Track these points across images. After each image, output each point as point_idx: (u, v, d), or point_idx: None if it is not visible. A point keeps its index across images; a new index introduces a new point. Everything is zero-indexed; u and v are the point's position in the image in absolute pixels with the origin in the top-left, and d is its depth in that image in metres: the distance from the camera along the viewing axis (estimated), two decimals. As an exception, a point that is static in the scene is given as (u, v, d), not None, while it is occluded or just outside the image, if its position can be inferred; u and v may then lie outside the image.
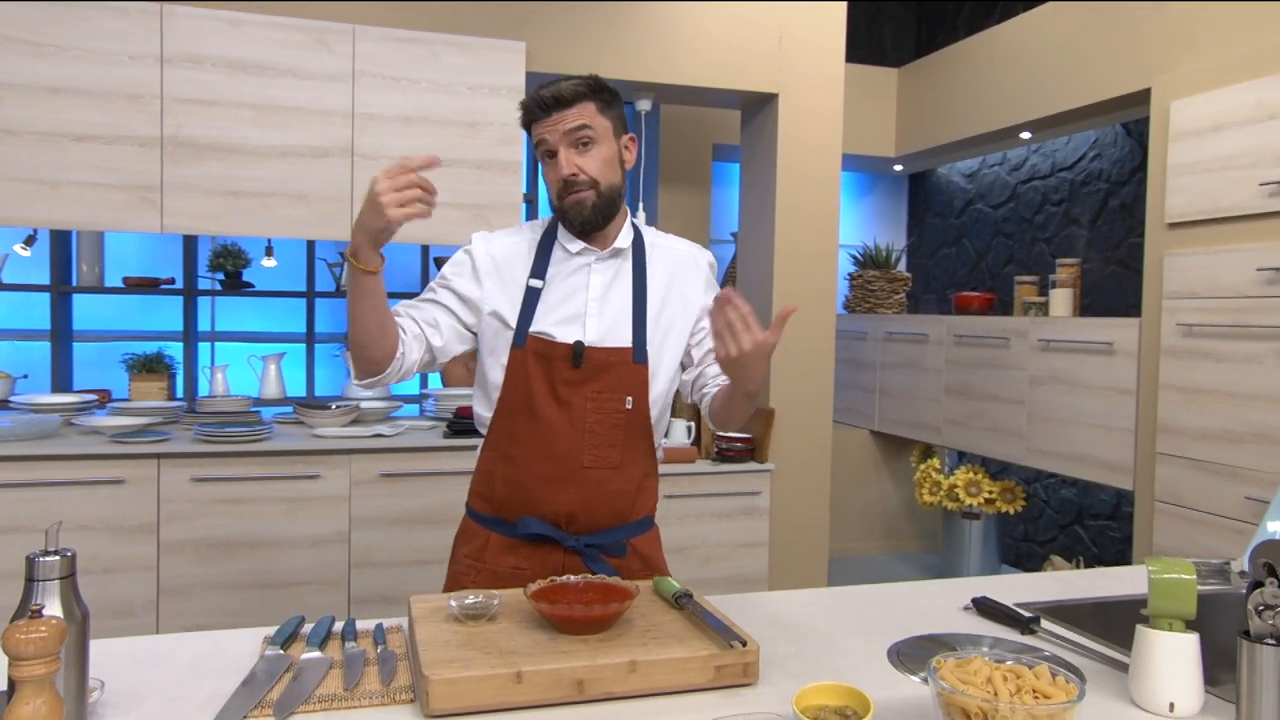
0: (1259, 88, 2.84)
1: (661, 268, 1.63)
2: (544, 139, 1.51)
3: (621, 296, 1.58)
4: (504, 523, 1.58)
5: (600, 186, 1.52)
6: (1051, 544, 4.63)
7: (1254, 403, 2.83)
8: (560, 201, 1.54)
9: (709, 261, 1.68)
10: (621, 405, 1.54)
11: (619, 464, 1.56)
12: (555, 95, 1.49)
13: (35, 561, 0.95)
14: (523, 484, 1.55)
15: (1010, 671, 0.99)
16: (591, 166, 1.51)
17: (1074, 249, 4.42)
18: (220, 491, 2.95)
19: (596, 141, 1.52)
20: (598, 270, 1.58)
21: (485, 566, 1.58)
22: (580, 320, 1.55)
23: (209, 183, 3.04)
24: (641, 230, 1.66)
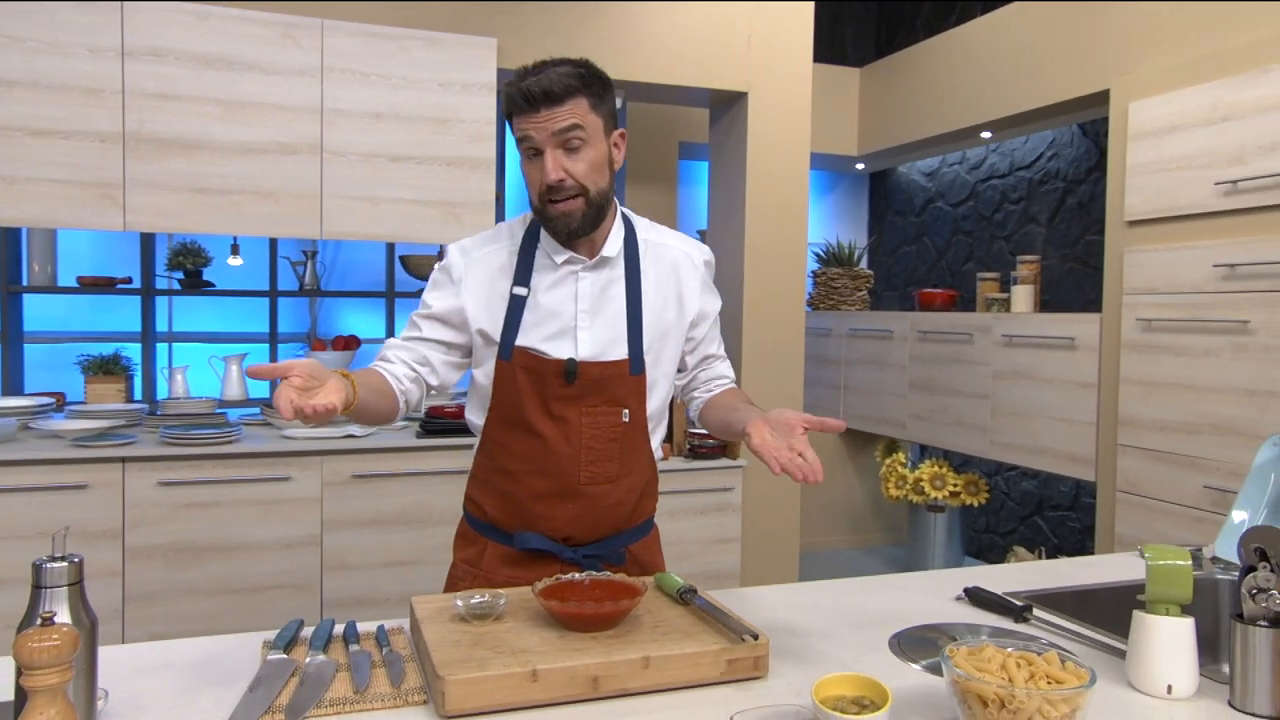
0: (1214, 90, 2.93)
1: (656, 270, 1.54)
2: (529, 135, 1.39)
3: (614, 304, 1.50)
4: (499, 532, 1.54)
5: (589, 193, 1.41)
6: (1012, 535, 4.73)
7: (1211, 395, 2.93)
8: (544, 207, 1.42)
9: (705, 260, 1.61)
10: (618, 419, 1.49)
11: (616, 477, 1.51)
12: (545, 90, 1.36)
13: (43, 568, 0.92)
14: (518, 499, 1.51)
15: (1022, 658, 1.02)
16: (580, 171, 1.39)
17: (1033, 246, 4.52)
18: (188, 495, 2.88)
19: (587, 143, 1.39)
20: (586, 278, 1.49)
21: (481, 574, 1.54)
22: (570, 334, 1.47)
23: (173, 179, 2.97)
24: (635, 226, 1.56)
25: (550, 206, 1.42)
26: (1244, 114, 2.84)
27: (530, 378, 1.47)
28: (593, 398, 1.47)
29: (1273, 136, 2.75)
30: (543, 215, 1.45)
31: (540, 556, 1.53)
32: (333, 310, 4.34)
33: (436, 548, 3.14)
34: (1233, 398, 2.86)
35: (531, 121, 1.38)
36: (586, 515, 1.51)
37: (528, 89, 1.37)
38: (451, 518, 3.14)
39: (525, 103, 1.38)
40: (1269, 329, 2.75)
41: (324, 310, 4.37)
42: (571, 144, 1.39)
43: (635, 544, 1.60)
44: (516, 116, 1.41)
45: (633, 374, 1.50)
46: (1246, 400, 2.82)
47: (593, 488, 1.50)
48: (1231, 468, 2.86)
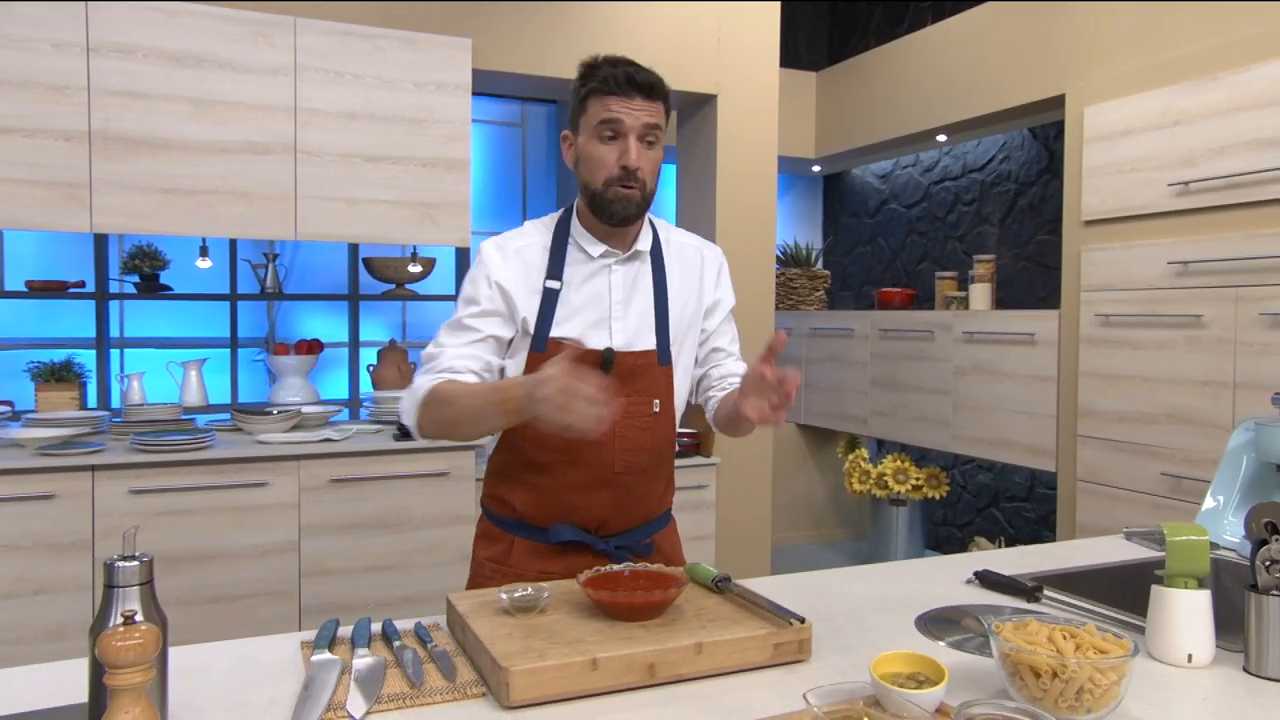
0: (1166, 96, 3.07)
1: (678, 266, 1.62)
2: (619, 118, 1.43)
3: (644, 298, 1.56)
4: (529, 527, 1.56)
5: (647, 189, 1.49)
6: (970, 526, 4.87)
7: (1167, 386, 3.07)
8: (606, 189, 1.46)
9: (720, 258, 1.69)
10: (649, 409, 1.54)
11: (648, 467, 1.56)
12: (649, 83, 1.44)
13: (115, 567, 0.91)
14: (553, 490, 1.53)
15: (1065, 631, 1.07)
16: (648, 167, 1.47)
17: (986, 246, 4.66)
18: (161, 503, 2.81)
19: (658, 143, 1.49)
20: (619, 271, 1.55)
21: (510, 570, 1.55)
22: (605, 325, 1.52)
23: (142, 180, 2.89)
24: (656, 226, 1.63)
25: (615, 188, 1.46)
26: (1194, 119, 2.98)
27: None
28: (626, 388, 1.50)
29: (1221, 141, 2.90)
30: (602, 198, 1.48)
31: (570, 549, 1.55)
32: (292, 314, 4.27)
33: (416, 551, 3.12)
34: (1187, 388, 3.00)
35: (627, 106, 1.44)
36: (620, 504, 1.55)
37: (633, 75, 1.44)
38: (431, 520, 3.13)
39: (628, 86, 1.43)
40: (1221, 323, 2.90)
41: (284, 314, 4.29)
42: (649, 139, 1.47)
43: (659, 534, 1.64)
44: (606, 97, 1.44)
45: (661, 365, 1.55)
46: (1200, 390, 2.96)
47: (626, 477, 1.53)
48: (1187, 455, 3.00)
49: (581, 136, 1.50)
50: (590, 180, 1.49)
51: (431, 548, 3.13)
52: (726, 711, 1.07)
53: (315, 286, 4.16)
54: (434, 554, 3.14)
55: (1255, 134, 2.80)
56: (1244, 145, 2.83)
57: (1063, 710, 0.99)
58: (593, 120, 1.46)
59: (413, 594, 3.12)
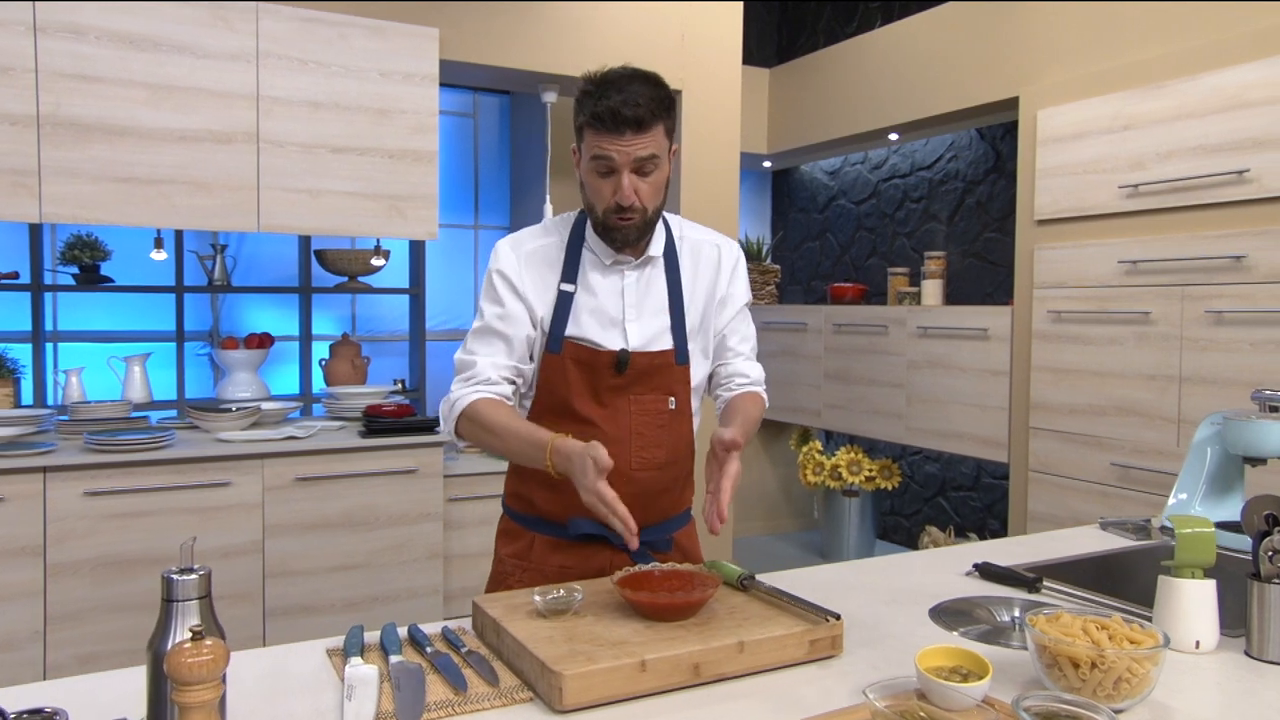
0: (1117, 101, 3.20)
1: (693, 264, 1.62)
2: (609, 157, 1.42)
3: (658, 297, 1.57)
4: (548, 523, 1.57)
5: (649, 214, 1.49)
6: (917, 516, 5.01)
7: (1116, 380, 3.20)
8: (605, 218, 1.48)
9: (735, 252, 1.68)
10: (665, 406, 1.55)
11: (665, 464, 1.57)
12: (636, 118, 1.39)
13: (173, 581, 0.88)
14: (569, 489, 1.49)
15: (1096, 622, 1.12)
16: (647, 194, 1.46)
17: (934, 243, 4.79)
18: (117, 505, 2.71)
19: (658, 168, 1.47)
20: (631, 276, 1.56)
21: (531, 566, 1.56)
22: (619, 326, 1.53)
23: (95, 168, 2.77)
24: (670, 223, 1.63)
25: (611, 219, 1.48)
26: (1144, 124, 3.11)
27: (581, 369, 1.52)
28: (640, 386, 1.53)
29: (1169, 146, 3.04)
30: (603, 226, 1.51)
31: (589, 545, 1.56)
32: (239, 307, 4.14)
33: (382, 550, 3.07)
34: (1136, 382, 3.14)
35: (615, 144, 1.42)
36: (637, 501, 1.53)
37: (619, 111, 1.39)
38: (399, 519, 3.08)
39: (614, 123, 1.40)
40: (1168, 320, 3.04)
41: (231, 307, 4.16)
42: (645, 170, 1.45)
43: (679, 531, 1.66)
44: (596, 133, 1.43)
45: (678, 364, 1.57)
46: (1148, 384, 3.10)
47: (643, 474, 1.54)
48: (1135, 446, 3.14)
49: (582, 159, 1.50)
50: (591, 205, 1.52)
51: (400, 546, 3.09)
52: (776, 708, 1.09)
53: (263, 279, 4.04)
54: (402, 552, 3.09)
55: (1201, 140, 2.94)
56: (1190, 151, 2.97)
57: (1100, 699, 1.04)
58: (588, 153, 1.46)
59: (380, 593, 3.06)
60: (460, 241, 4.72)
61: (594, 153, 1.44)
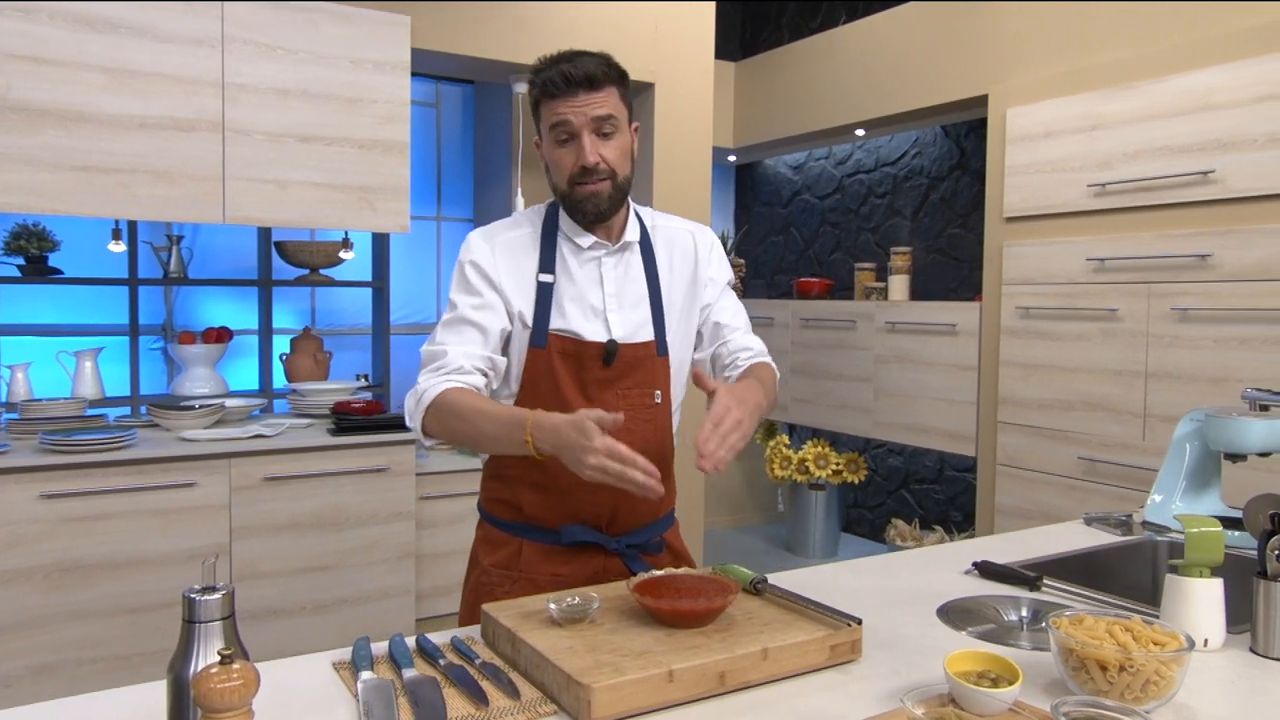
0: (1086, 101, 3.25)
1: (667, 252, 1.60)
2: (566, 120, 1.42)
3: (636, 288, 1.54)
4: (537, 529, 1.52)
5: (618, 178, 1.47)
6: (881, 508, 5.07)
7: (1084, 375, 3.27)
8: (572, 189, 1.46)
9: (710, 237, 1.66)
10: (651, 400, 1.53)
11: (652, 460, 1.53)
12: (587, 75, 1.41)
13: (195, 601, 0.83)
14: (559, 489, 1.49)
15: (1119, 624, 1.12)
16: (612, 156, 1.45)
17: (898, 239, 4.84)
18: (75, 508, 2.60)
19: (618, 130, 1.46)
20: (609, 263, 1.54)
21: (521, 575, 1.51)
22: (601, 316, 1.50)
23: (49, 155, 2.64)
24: (642, 215, 1.61)
25: (579, 188, 1.46)
26: (1112, 124, 3.17)
27: (568, 362, 1.48)
28: (627, 380, 1.50)
29: (1136, 146, 3.10)
30: (570, 199, 1.48)
31: (581, 550, 1.52)
32: (193, 300, 4.01)
33: (353, 550, 3.00)
34: (1103, 377, 3.20)
35: (571, 105, 1.42)
36: (627, 501, 1.51)
37: (568, 73, 1.41)
38: (369, 518, 3.01)
39: (565, 85, 1.41)
40: (1134, 316, 3.10)
41: (185, 300, 4.03)
42: (605, 130, 1.44)
43: (668, 531, 1.63)
44: (552, 100, 1.43)
45: (659, 355, 1.54)
46: (1115, 379, 3.17)
47: None
48: (1102, 440, 3.21)
49: (544, 142, 1.49)
50: (557, 183, 1.50)
51: (371, 545, 3.02)
52: (802, 717, 1.07)
53: (220, 271, 3.92)
54: (373, 552, 3.02)
55: (1168, 141, 3.00)
56: (1157, 151, 3.03)
57: (1128, 701, 1.04)
58: (546, 125, 1.46)
59: (352, 595, 2.99)
60: (423, 234, 4.63)
61: (551, 121, 1.44)
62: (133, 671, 2.68)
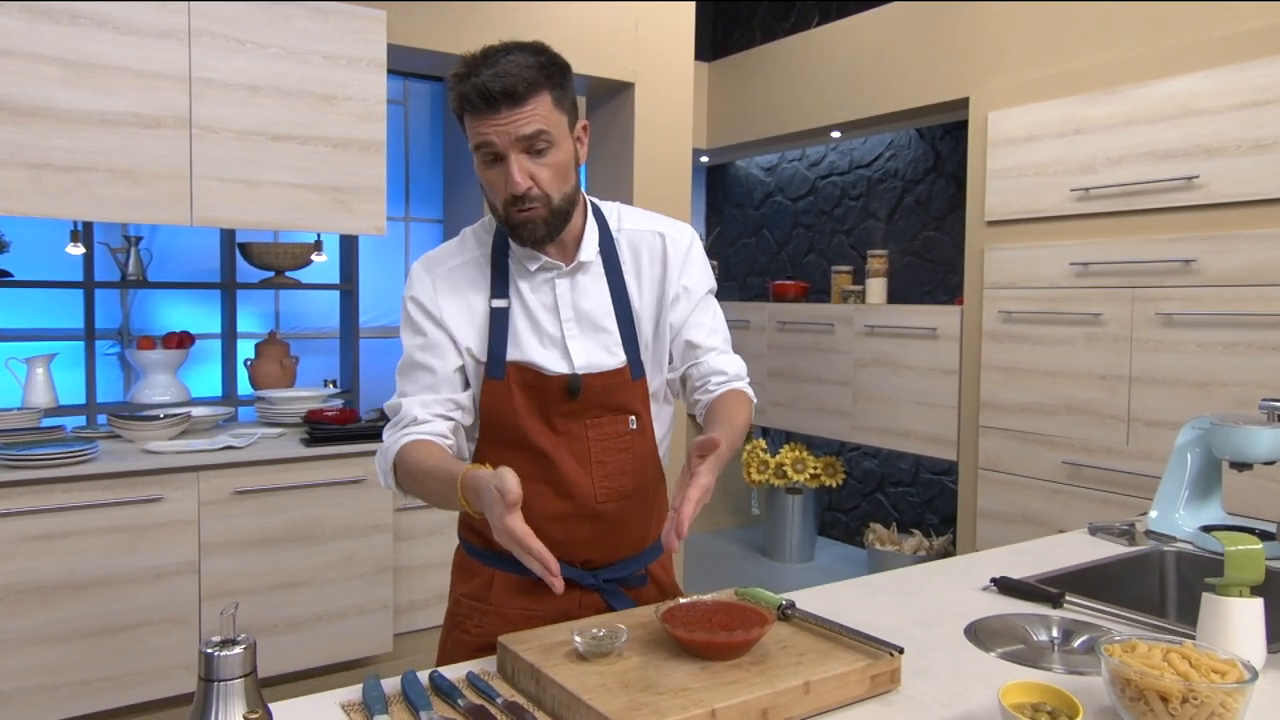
0: (1068, 105, 3.26)
1: (635, 261, 1.43)
2: (489, 141, 1.25)
3: (599, 307, 1.40)
4: (509, 561, 1.35)
5: (554, 202, 1.30)
6: (856, 511, 5.06)
7: (1066, 379, 3.27)
8: (508, 215, 1.30)
9: (685, 238, 1.47)
10: (625, 428, 1.40)
11: (632, 491, 1.42)
12: (507, 89, 1.22)
13: (214, 658, 0.74)
14: (532, 522, 1.30)
15: (1175, 652, 1.08)
16: (545, 178, 1.28)
17: (873, 241, 4.82)
18: (33, 526, 2.46)
19: (553, 145, 1.28)
20: (563, 284, 1.39)
21: (491, 609, 1.41)
22: (560, 345, 1.38)
23: (2, 152, 2.49)
24: (606, 217, 1.44)
25: (511, 213, 1.30)
26: (1094, 129, 3.17)
27: (529, 393, 1.37)
28: (597, 409, 1.38)
29: (1120, 150, 3.10)
30: (507, 223, 1.33)
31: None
32: (150, 303, 3.85)
33: (329, 565, 2.88)
34: (1086, 382, 3.21)
35: (491, 124, 1.25)
36: (606, 537, 1.42)
37: (485, 86, 1.22)
38: (345, 531, 2.90)
39: (483, 102, 1.23)
40: (1118, 321, 3.11)
41: (142, 304, 3.87)
42: (536, 147, 1.27)
43: (653, 563, 1.52)
44: (472, 117, 1.26)
45: (634, 379, 1.41)
46: (1098, 384, 3.17)
47: (608, 505, 1.40)
48: (1085, 444, 3.21)
49: (475, 160, 1.32)
50: (492, 204, 1.34)
51: (347, 559, 2.91)
52: (854, 756, 1.02)
53: (179, 273, 3.77)
54: (350, 566, 2.91)
55: (1151, 146, 3.01)
56: (1141, 156, 3.04)
57: (1189, 733, 1.00)
58: (472, 143, 1.29)
59: (327, 611, 2.88)
60: (391, 234, 4.51)
61: (475, 141, 1.27)
62: (95, 698, 2.54)
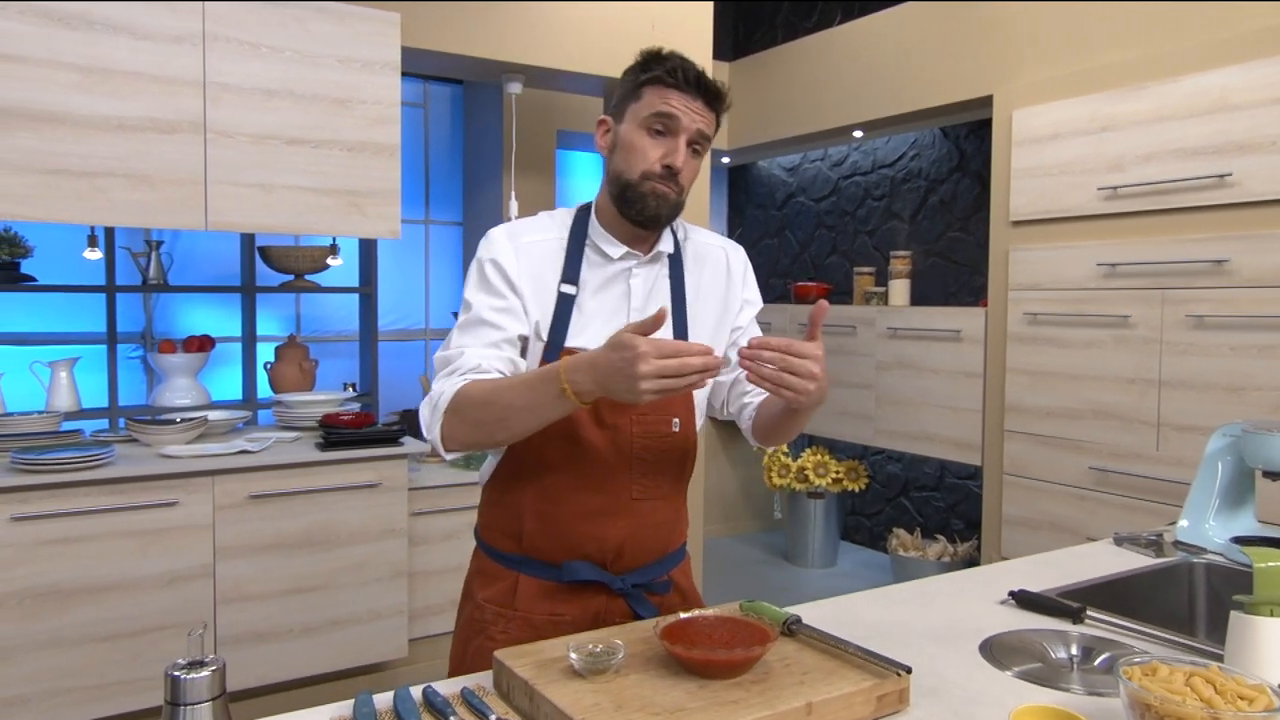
0: (1094, 102, 3.18)
1: (698, 268, 1.50)
2: (675, 115, 1.33)
3: (662, 303, 1.44)
4: (537, 563, 1.40)
5: (684, 195, 1.40)
6: (880, 516, 4.98)
7: (1094, 383, 3.19)
8: (643, 182, 1.35)
9: (743, 257, 1.57)
10: (669, 428, 1.42)
11: (668, 493, 1.44)
12: (715, 89, 1.36)
13: (180, 680, 0.72)
14: (563, 519, 1.39)
15: (1199, 675, 1.03)
16: (689, 175, 1.39)
17: (896, 242, 4.75)
18: (49, 530, 2.47)
19: (702, 155, 1.40)
20: (639, 276, 1.43)
21: (517, 615, 1.40)
22: None
23: (18, 158, 2.50)
24: (674, 225, 1.51)
25: (649, 183, 1.35)
26: (1122, 126, 3.09)
27: None
28: (643, 406, 1.37)
29: (1148, 148, 3.02)
30: (636, 191, 1.36)
31: (583, 589, 1.41)
32: (173, 307, 3.88)
33: (344, 570, 2.87)
34: (1114, 386, 3.12)
35: (685, 103, 1.34)
36: (637, 534, 1.42)
37: (702, 76, 1.35)
38: (360, 536, 2.89)
39: (688, 83, 1.34)
40: (1147, 324, 3.02)
41: (165, 307, 3.90)
42: (696, 148, 1.38)
43: (676, 569, 1.52)
44: (668, 90, 1.34)
45: None
46: (1127, 388, 3.09)
47: (644, 503, 1.41)
48: (1114, 450, 3.13)
49: (626, 124, 1.37)
50: (625, 170, 1.37)
51: (361, 565, 2.90)
52: (857, 782, 0.97)
53: (201, 277, 3.79)
54: (364, 572, 2.90)
55: (1181, 143, 2.93)
56: (1170, 153, 2.96)
57: (1214, 762, 0.95)
58: (645, 110, 1.35)
59: (342, 616, 2.87)
60: (410, 237, 4.51)
61: (658, 109, 1.33)
62: (110, 701, 2.55)
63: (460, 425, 1.29)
